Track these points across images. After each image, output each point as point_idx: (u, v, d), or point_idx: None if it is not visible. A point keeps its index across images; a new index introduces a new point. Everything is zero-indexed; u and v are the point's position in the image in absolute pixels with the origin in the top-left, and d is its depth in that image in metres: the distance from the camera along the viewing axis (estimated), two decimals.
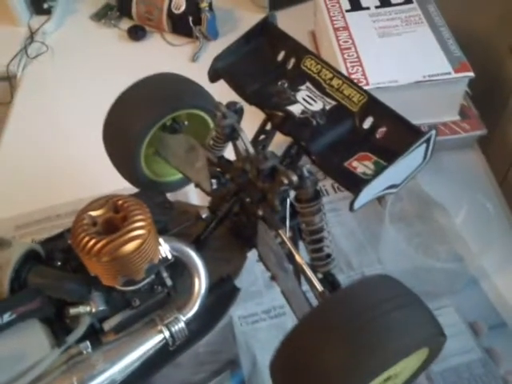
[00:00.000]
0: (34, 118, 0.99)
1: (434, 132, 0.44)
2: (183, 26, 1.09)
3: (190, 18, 1.07)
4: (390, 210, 0.70)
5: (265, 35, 0.58)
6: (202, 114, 0.64)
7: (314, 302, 0.51)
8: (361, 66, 0.78)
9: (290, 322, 0.69)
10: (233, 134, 0.55)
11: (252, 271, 0.72)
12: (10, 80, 1.09)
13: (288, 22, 0.65)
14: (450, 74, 0.75)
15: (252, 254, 0.60)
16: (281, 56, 0.57)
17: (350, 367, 0.40)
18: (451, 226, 0.75)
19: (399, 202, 0.74)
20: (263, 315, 0.70)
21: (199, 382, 0.60)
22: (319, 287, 0.50)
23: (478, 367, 0.63)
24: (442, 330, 0.43)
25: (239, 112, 0.55)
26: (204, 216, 0.58)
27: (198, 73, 0.63)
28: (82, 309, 0.46)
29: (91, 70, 1.07)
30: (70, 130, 0.96)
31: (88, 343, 0.46)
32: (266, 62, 0.57)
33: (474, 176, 0.82)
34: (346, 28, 0.84)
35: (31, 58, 1.10)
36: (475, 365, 0.64)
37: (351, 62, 0.78)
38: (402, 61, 0.78)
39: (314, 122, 0.50)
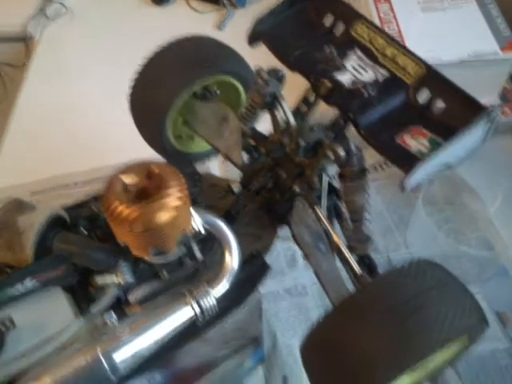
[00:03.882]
0: (51, 82, 0.96)
1: (498, 109, 0.41)
2: None
3: None
4: (423, 193, 0.68)
5: None
6: (235, 82, 0.61)
7: (349, 283, 0.48)
8: (402, 40, 0.74)
9: (311, 302, 0.68)
10: (273, 103, 0.51)
11: (274, 248, 0.70)
12: (27, 41, 1.05)
13: None
14: (496, 53, 0.71)
15: None
16: (328, 21, 0.52)
17: (390, 356, 0.38)
18: (484, 213, 0.73)
19: (431, 186, 0.72)
20: (284, 294, 0.69)
21: (222, 357, 0.58)
22: (358, 270, 0.48)
23: (504, 358, 0.62)
24: (485, 318, 0.41)
25: (281, 79, 0.51)
26: (236, 190, 0.55)
27: (224, 41, 0.60)
28: (109, 279, 0.44)
29: (111, 34, 1.04)
30: (87, 96, 0.93)
31: (113, 314, 0.43)
32: (311, 26, 0.53)
33: (510, 163, 0.78)
34: (387, 0, 0.80)
35: (50, 19, 1.06)
36: (501, 355, 0.63)
37: None
38: (445, 37, 0.74)
39: (366, 94, 0.46)
